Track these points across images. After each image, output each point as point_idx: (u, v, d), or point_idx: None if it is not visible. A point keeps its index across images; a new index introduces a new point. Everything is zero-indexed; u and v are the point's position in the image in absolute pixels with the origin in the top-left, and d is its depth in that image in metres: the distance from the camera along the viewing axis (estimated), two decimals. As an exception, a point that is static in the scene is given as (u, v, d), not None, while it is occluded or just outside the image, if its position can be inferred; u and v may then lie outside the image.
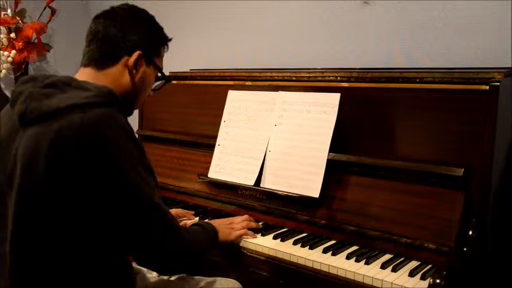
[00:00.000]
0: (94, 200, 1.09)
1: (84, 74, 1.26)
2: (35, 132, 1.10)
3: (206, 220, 1.68)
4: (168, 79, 1.42)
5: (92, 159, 1.07)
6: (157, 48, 1.35)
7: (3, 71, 2.79)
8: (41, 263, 1.12)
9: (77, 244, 1.12)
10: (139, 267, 1.56)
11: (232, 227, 1.59)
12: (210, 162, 1.94)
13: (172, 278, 1.57)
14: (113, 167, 1.09)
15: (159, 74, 1.37)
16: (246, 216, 1.68)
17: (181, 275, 1.62)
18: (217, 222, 1.55)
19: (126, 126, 1.15)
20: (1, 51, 2.79)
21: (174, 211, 1.78)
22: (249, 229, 1.63)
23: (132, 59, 1.26)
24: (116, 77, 1.26)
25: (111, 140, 1.09)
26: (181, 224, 1.52)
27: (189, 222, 1.66)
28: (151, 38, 1.33)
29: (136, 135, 2.34)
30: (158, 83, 1.41)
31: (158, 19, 1.37)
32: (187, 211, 1.83)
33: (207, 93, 2.11)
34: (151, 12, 1.36)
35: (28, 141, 1.11)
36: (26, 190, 1.11)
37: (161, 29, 1.37)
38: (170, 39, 1.39)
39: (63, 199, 1.08)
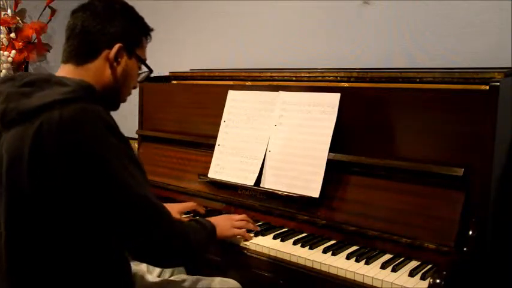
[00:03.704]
0: (79, 196, 1.08)
1: (64, 71, 1.24)
2: (17, 131, 1.10)
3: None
4: (151, 70, 1.37)
5: (72, 154, 1.06)
6: (138, 39, 1.31)
7: (3, 71, 2.79)
8: (36, 261, 1.12)
9: (70, 241, 1.11)
10: (138, 267, 1.56)
11: (231, 223, 1.58)
12: (210, 162, 1.94)
13: (172, 278, 1.57)
14: (93, 161, 1.08)
15: (143, 65, 1.34)
16: (244, 216, 1.66)
17: (180, 275, 1.62)
18: (214, 218, 1.54)
19: (107, 119, 1.12)
20: (1, 51, 2.79)
21: (183, 204, 1.79)
22: (247, 230, 1.61)
23: (112, 52, 1.23)
24: (96, 72, 1.23)
25: (91, 134, 1.08)
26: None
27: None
28: (132, 29, 1.29)
29: (137, 135, 2.36)
30: (143, 74, 1.38)
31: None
32: (197, 204, 1.84)
33: (207, 93, 2.11)
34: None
35: (11, 141, 1.11)
36: (13, 189, 1.11)
37: (141, 18, 1.33)
38: (152, 29, 1.36)
39: (49, 196, 1.08)
